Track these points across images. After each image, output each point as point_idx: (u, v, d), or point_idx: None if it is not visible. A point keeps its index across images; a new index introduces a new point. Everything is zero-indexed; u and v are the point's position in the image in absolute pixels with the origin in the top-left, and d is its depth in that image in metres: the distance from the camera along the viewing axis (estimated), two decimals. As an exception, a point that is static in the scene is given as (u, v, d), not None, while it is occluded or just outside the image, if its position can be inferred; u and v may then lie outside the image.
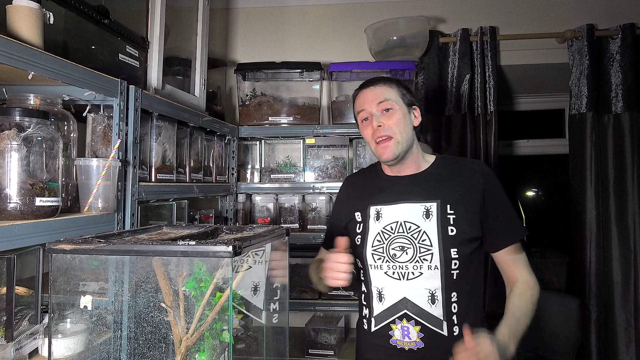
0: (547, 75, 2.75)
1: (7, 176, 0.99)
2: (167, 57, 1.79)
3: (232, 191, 2.31)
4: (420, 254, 1.33)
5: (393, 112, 1.38)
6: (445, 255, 1.32)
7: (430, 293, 1.32)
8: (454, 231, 1.33)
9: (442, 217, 1.34)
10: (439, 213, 1.34)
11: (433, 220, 1.34)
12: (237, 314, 1.21)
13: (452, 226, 1.33)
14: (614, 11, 2.53)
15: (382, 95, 1.39)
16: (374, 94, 1.40)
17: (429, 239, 1.33)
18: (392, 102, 1.38)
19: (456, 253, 1.32)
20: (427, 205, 1.36)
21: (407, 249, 1.34)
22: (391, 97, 1.39)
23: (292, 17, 2.71)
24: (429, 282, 1.32)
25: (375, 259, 1.38)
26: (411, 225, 1.35)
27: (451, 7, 2.63)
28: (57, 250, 0.83)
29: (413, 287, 1.33)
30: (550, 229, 3.31)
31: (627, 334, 2.43)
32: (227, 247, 0.78)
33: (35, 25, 1.07)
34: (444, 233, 1.33)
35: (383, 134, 1.36)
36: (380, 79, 1.44)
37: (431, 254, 1.32)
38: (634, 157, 2.44)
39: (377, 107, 1.38)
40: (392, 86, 1.41)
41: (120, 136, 1.32)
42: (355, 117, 1.48)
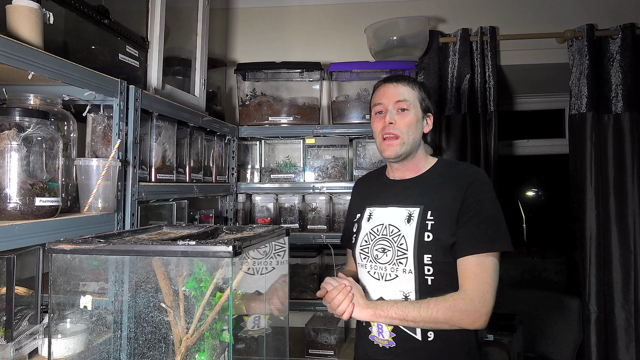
0: (547, 75, 2.75)
1: (7, 176, 0.99)
2: (167, 57, 1.79)
3: (232, 191, 2.31)
4: (397, 257, 1.35)
5: (407, 114, 1.39)
6: (418, 260, 1.31)
7: (404, 296, 1.33)
8: (430, 237, 1.31)
9: (421, 223, 1.34)
10: (419, 219, 1.35)
11: (413, 224, 1.35)
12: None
13: (429, 232, 1.32)
14: (614, 11, 2.53)
15: (402, 95, 1.40)
16: (395, 90, 1.41)
17: (405, 242, 1.34)
18: (410, 104, 1.40)
19: (430, 259, 1.30)
20: (411, 210, 1.38)
21: (387, 251, 1.37)
22: (410, 99, 1.40)
23: (292, 17, 2.71)
24: (404, 285, 1.34)
25: (362, 258, 1.44)
26: (393, 229, 1.38)
27: (451, 7, 2.63)
28: (57, 250, 0.83)
29: (389, 288, 1.36)
30: (550, 229, 3.31)
31: (627, 334, 2.43)
32: (227, 247, 0.78)
33: (35, 25, 1.07)
34: (420, 238, 1.32)
35: (392, 132, 1.38)
36: (405, 77, 1.45)
37: (406, 258, 1.33)
38: (634, 157, 2.44)
39: (394, 104, 1.40)
40: (415, 88, 1.43)
41: (120, 136, 1.32)
42: (370, 108, 1.50)
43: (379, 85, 1.46)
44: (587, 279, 2.46)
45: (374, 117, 1.45)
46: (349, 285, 1.31)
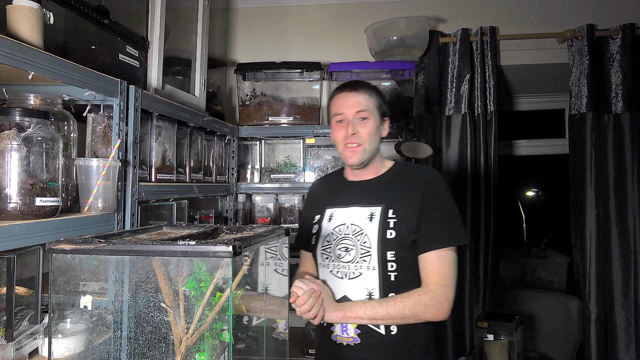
0: (547, 75, 2.75)
1: (7, 176, 0.99)
2: (167, 57, 1.79)
3: (232, 191, 2.31)
4: (361, 255, 1.39)
5: (368, 122, 1.44)
6: (382, 257, 1.37)
7: (368, 292, 1.38)
8: (392, 234, 1.37)
9: (383, 221, 1.39)
10: (381, 217, 1.40)
11: (375, 223, 1.40)
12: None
13: (392, 229, 1.38)
14: (614, 11, 2.53)
15: (362, 104, 1.44)
16: (355, 100, 1.45)
17: (369, 241, 1.39)
18: (369, 112, 1.44)
19: (393, 256, 1.36)
20: (372, 209, 1.43)
21: (350, 249, 1.41)
22: (369, 108, 1.45)
23: (292, 17, 2.71)
24: (368, 283, 1.38)
25: (324, 258, 1.46)
26: (356, 228, 1.42)
27: (451, 7, 2.63)
28: (57, 250, 0.83)
29: (353, 286, 1.40)
30: (550, 229, 3.31)
31: (627, 334, 2.43)
32: (227, 247, 0.78)
33: (35, 25, 1.07)
34: (383, 236, 1.38)
35: (355, 141, 1.43)
36: (363, 84, 1.48)
37: (370, 255, 1.38)
38: (634, 157, 2.44)
39: (355, 114, 1.44)
40: (372, 95, 1.47)
41: (120, 136, 1.32)
42: (328, 115, 1.54)
43: (338, 94, 1.49)
44: (587, 279, 2.46)
45: (334, 125, 1.49)
46: (318, 290, 1.33)
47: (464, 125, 2.51)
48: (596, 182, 2.46)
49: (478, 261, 2.49)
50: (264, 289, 1.19)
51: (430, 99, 2.55)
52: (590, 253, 2.45)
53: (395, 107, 2.33)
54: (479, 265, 2.49)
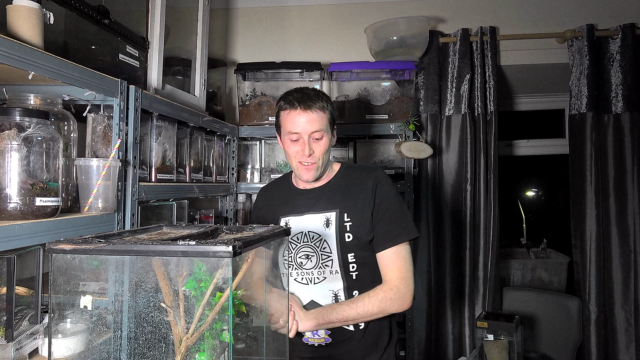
0: (547, 75, 2.75)
1: (7, 176, 0.99)
2: (167, 57, 1.79)
3: (232, 191, 2.31)
4: (322, 260, 1.44)
5: (322, 141, 1.45)
6: (343, 259, 1.43)
7: (333, 294, 1.45)
8: (350, 237, 1.43)
9: (340, 225, 1.44)
10: (337, 221, 1.44)
11: (332, 228, 1.44)
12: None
13: (349, 233, 1.43)
14: (614, 11, 2.53)
15: (317, 124, 1.43)
16: (309, 120, 1.43)
17: (328, 246, 1.44)
18: (324, 131, 1.45)
19: (353, 257, 1.43)
20: (328, 215, 1.46)
21: (311, 256, 1.46)
22: (323, 126, 1.44)
23: (292, 17, 2.71)
24: (332, 285, 1.44)
25: (285, 267, 1.47)
26: (314, 235, 1.46)
27: (451, 7, 2.63)
28: (57, 250, 0.83)
29: (319, 289, 1.45)
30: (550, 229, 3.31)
31: (627, 334, 2.43)
32: (227, 247, 0.78)
33: (35, 25, 1.07)
34: (342, 239, 1.43)
35: (310, 161, 1.45)
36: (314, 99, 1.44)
37: (331, 260, 1.44)
38: (634, 157, 2.44)
39: (310, 134, 1.43)
40: (325, 110, 1.45)
41: (120, 136, 1.32)
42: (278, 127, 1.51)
43: (290, 109, 1.45)
44: (587, 279, 2.46)
45: (287, 141, 1.47)
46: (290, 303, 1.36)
47: (464, 125, 2.51)
48: (596, 182, 2.46)
49: (478, 261, 2.49)
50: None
51: (430, 99, 2.54)
52: (590, 253, 2.45)
53: (395, 107, 2.33)
54: (479, 265, 2.49)
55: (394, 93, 2.36)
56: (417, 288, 2.46)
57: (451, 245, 2.53)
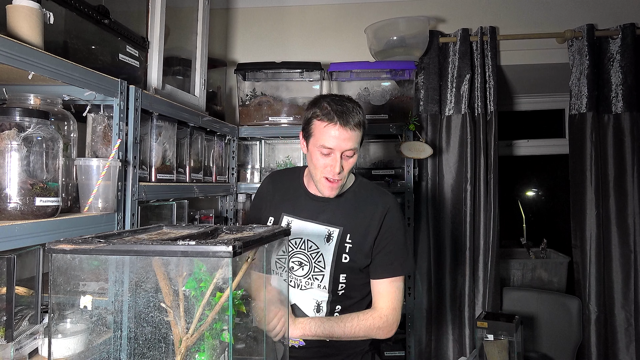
0: (547, 75, 2.75)
1: (7, 176, 0.99)
2: (167, 57, 1.79)
3: (232, 191, 2.31)
4: (314, 272, 1.45)
5: (352, 158, 1.42)
6: (334, 279, 1.44)
7: (317, 303, 1.46)
8: (347, 259, 1.43)
9: (340, 245, 1.43)
10: (338, 239, 1.43)
11: (332, 245, 1.44)
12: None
13: (347, 254, 1.43)
14: (614, 11, 2.53)
15: (352, 143, 1.38)
16: (346, 138, 1.36)
17: (323, 261, 1.44)
18: (356, 150, 1.41)
19: (345, 278, 1.44)
20: (331, 229, 1.45)
21: (304, 265, 1.46)
22: (357, 145, 1.41)
23: (292, 17, 2.71)
24: (317, 295, 1.45)
25: (277, 267, 1.46)
26: (312, 245, 1.45)
27: (451, 7, 2.63)
28: (57, 250, 0.83)
29: (303, 296, 1.47)
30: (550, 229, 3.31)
31: (627, 334, 2.43)
32: (227, 247, 0.78)
33: (35, 25, 1.07)
34: (338, 259, 1.43)
35: (337, 178, 1.40)
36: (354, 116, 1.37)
37: (322, 275, 1.44)
38: (634, 157, 2.44)
39: (343, 152, 1.38)
40: (361, 128, 1.40)
41: (120, 136, 1.32)
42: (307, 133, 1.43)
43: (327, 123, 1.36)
44: (587, 279, 2.46)
45: (316, 153, 1.40)
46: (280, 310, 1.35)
47: (464, 125, 2.51)
48: (596, 182, 2.46)
49: (478, 261, 2.49)
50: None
51: (430, 99, 2.54)
52: (590, 253, 2.45)
53: (395, 107, 2.33)
54: (479, 265, 2.49)
55: (394, 93, 2.36)
56: (417, 288, 2.47)
57: (451, 245, 2.53)
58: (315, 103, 1.42)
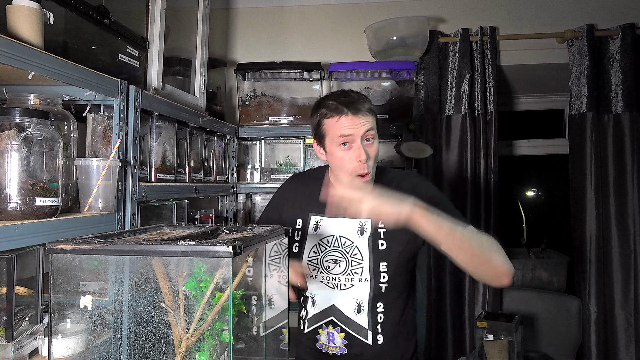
0: (547, 75, 2.75)
1: (7, 176, 0.99)
2: (167, 57, 1.79)
3: (232, 191, 2.31)
4: (352, 267, 1.37)
5: (374, 144, 1.35)
6: (374, 268, 1.36)
7: (357, 303, 1.37)
8: (384, 245, 1.36)
9: (374, 232, 1.37)
10: (372, 228, 1.38)
11: (366, 235, 1.38)
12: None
13: (383, 240, 1.37)
14: (614, 11, 2.53)
15: (372, 125, 1.33)
16: (365, 122, 1.31)
17: (360, 253, 1.37)
18: (374, 132, 1.34)
19: (385, 267, 1.36)
20: (362, 221, 1.39)
21: (339, 261, 1.39)
22: (374, 126, 1.34)
23: (292, 17, 2.71)
24: (358, 293, 1.37)
25: (310, 269, 1.43)
26: (346, 241, 1.39)
27: (451, 7, 2.63)
28: (57, 250, 0.83)
29: (343, 296, 1.38)
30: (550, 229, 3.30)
31: (627, 334, 2.43)
32: (227, 247, 0.78)
33: (35, 25, 1.07)
34: (375, 247, 1.36)
35: (367, 171, 1.32)
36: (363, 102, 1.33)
37: (362, 267, 1.36)
38: (634, 157, 2.44)
39: (363, 135, 1.31)
40: (374, 115, 1.36)
41: (120, 136, 1.32)
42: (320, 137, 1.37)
43: (338, 116, 1.31)
44: (587, 279, 2.46)
45: (336, 149, 1.33)
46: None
47: (464, 125, 2.51)
48: (596, 182, 2.46)
49: (478, 261, 2.48)
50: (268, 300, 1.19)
51: (430, 99, 2.54)
52: (590, 253, 2.45)
53: (395, 107, 2.33)
54: (479, 265, 2.48)
55: (394, 93, 2.36)
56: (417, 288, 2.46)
57: (451, 245, 2.52)
58: (319, 105, 1.38)
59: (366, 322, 1.37)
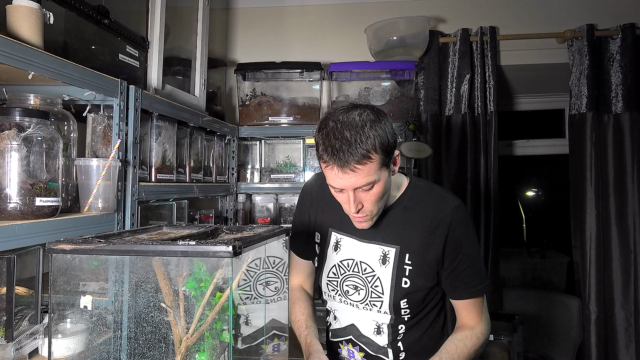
0: (547, 75, 2.75)
1: (7, 176, 0.99)
2: (167, 57, 1.79)
3: (232, 191, 2.31)
4: (372, 298, 1.29)
5: (372, 190, 1.15)
6: (395, 304, 1.27)
7: (377, 325, 1.32)
8: (407, 284, 1.25)
9: (399, 267, 1.25)
10: (396, 261, 1.25)
11: (389, 267, 1.26)
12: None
13: (407, 278, 1.25)
14: (614, 11, 2.53)
15: (361, 180, 1.11)
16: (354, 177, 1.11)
17: (381, 285, 1.27)
18: (373, 181, 1.13)
19: (406, 303, 1.27)
20: (386, 249, 1.26)
21: (360, 289, 1.30)
22: (371, 179, 1.12)
23: (292, 17, 2.71)
24: (378, 318, 1.31)
25: (329, 289, 1.38)
26: (367, 267, 1.29)
27: (451, 7, 2.63)
28: (57, 250, 0.83)
29: (363, 316, 1.33)
30: (550, 229, 3.31)
31: (627, 334, 2.43)
32: (227, 247, 0.78)
33: (35, 25, 1.07)
34: (398, 284, 1.25)
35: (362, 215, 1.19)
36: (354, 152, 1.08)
37: (381, 301, 1.28)
38: (634, 157, 2.44)
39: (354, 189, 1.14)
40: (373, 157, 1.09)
41: (120, 136, 1.32)
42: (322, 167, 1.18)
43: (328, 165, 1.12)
44: (587, 279, 2.46)
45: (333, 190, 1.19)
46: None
47: (464, 125, 2.51)
48: (596, 182, 2.46)
49: (478, 261, 2.49)
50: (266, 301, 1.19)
51: (430, 99, 2.54)
52: (590, 253, 2.45)
53: (395, 107, 2.33)
54: (479, 265, 2.49)
55: (394, 93, 2.36)
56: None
57: (451, 245, 2.52)
58: (319, 129, 1.16)
59: (386, 341, 1.31)
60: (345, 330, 1.37)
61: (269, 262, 1.22)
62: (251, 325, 1.22)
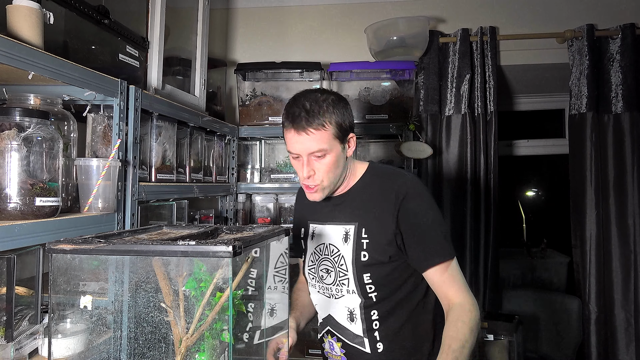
0: (547, 75, 2.75)
1: (7, 176, 0.99)
2: (167, 57, 1.79)
3: (232, 191, 2.31)
4: (340, 278, 1.34)
5: (325, 159, 1.26)
6: (359, 280, 1.31)
7: (349, 311, 1.35)
8: (366, 256, 1.30)
9: (357, 242, 1.31)
10: (354, 237, 1.32)
11: (350, 244, 1.33)
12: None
13: (365, 251, 1.30)
14: (614, 11, 2.53)
15: (315, 145, 1.24)
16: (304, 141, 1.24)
17: (345, 264, 1.33)
18: (325, 149, 1.25)
19: (369, 277, 1.30)
20: (347, 227, 1.34)
21: (330, 271, 1.37)
22: (324, 145, 1.24)
23: (292, 17, 2.71)
24: (349, 302, 1.34)
25: (310, 278, 1.44)
26: (333, 249, 1.36)
27: (451, 7, 2.63)
28: (57, 250, 0.83)
29: (337, 305, 1.37)
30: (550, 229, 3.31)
31: (627, 334, 2.43)
32: (227, 247, 0.78)
33: (35, 25, 1.07)
34: (357, 257, 1.30)
35: (311, 184, 1.29)
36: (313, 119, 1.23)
37: (347, 279, 1.33)
38: (634, 157, 2.44)
39: (308, 155, 1.26)
40: (327, 126, 1.24)
41: (120, 136, 1.32)
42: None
43: (286, 128, 1.28)
44: (587, 279, 2.46)
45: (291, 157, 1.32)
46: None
47: (464, 125, 2.51)
48: (596, 182, 2.46)
49: (478, 261, 2.49)
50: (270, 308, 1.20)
51: (430, 99, 2.54)
52: (590, 253, 2.45)
53: (395, 107, 2.33)
54: (479, 266, 2.49)
55: (394, 93, 2.36)
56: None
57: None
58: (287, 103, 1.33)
59: (360, 329, 1.33)
60: (325, 322, 1.42)
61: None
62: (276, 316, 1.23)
